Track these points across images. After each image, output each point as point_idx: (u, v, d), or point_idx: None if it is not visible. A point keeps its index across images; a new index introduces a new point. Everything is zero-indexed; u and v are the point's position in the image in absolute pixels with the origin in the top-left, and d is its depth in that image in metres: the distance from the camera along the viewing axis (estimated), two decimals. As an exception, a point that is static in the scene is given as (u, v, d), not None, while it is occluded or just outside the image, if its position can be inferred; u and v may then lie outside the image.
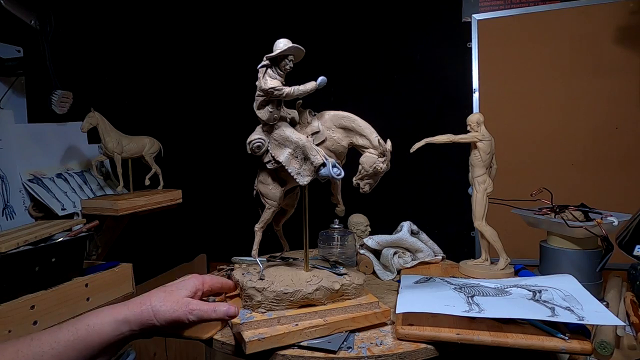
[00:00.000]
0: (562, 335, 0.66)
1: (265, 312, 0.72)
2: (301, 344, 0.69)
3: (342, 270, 0.80)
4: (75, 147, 1.28)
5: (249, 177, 2.08)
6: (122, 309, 0.59)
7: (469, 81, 1.63)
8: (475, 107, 1.62)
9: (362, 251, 1.15)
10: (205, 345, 0.75)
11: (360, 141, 0.75)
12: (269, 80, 0.70)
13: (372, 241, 1.13)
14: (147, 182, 1.33)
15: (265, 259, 1.20)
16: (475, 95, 1.62)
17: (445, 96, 1.67)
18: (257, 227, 0.79)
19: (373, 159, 0.73)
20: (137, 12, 1.61)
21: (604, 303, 0.77)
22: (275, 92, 0.70)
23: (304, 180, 0.73)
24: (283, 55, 0.70)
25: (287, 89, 0.71)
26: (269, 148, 0.75)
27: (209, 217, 1.98)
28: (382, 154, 0.73)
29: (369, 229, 1.36)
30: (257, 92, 0.72)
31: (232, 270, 1.13)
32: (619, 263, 0.90)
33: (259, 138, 0.75)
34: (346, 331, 0.73)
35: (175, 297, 0.61)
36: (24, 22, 1.04)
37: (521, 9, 1.56)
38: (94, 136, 1.25)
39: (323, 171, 0.71)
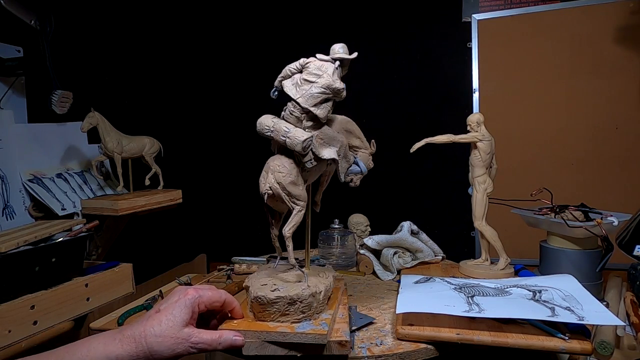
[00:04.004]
0: (562, 335, 0.66)
1: (319, 316, 0.70)
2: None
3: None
4: (75, 147, 1.28)
5: (249, 177, 2.07)
6: (115, 346, 0.54)
7: (469, 81, 1.63)
8: (475, 107, 1.62)
9: (362, 251, 1.15)
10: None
11: (355, 142, 0.83)
12: (338, 80, 0.72)
13: (372, 241, 1.13)
14: (147, 182, 1.33)
15: (265, 259, 1.20)
16: (475, 95, 1.62)
17: (445, 96, 1.67)
18: (289, 231, 0.72)
19: (367, 158, 0.85)
20: (137, 12, 1.61)
21: (604, 303, 0.77)
22: (343, 93, 0.72)
23: (343, 177, 0.78)
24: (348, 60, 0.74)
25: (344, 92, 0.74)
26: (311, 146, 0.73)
27: (209, 217, 1.98)
28: (371, 154, 0.86)
29: (369, 229, 1.36)
30: (321, 89, 0.70)
31: (232, 270, 1.13)
32: (619, 263, 0.90)
33: (312, 136, 0.71)
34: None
35: (173, 332, 0.56)
36: (24, 22, 1.04)
37: (521, 9, 1.56)
38: (94, 136, 1.25)
39: (355, 168, 0.79)
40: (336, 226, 1.20)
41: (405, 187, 1.74)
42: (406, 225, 1.16)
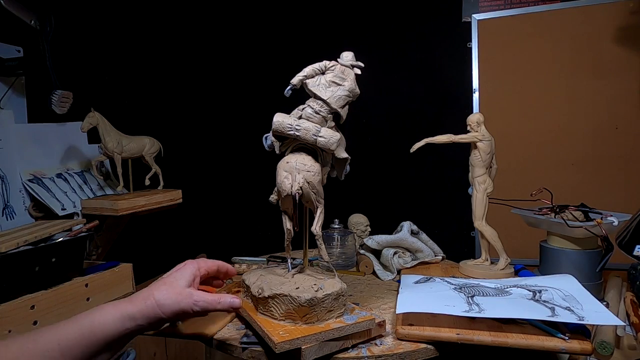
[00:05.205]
0: (562, 335, 0.66)
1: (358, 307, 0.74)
2: None
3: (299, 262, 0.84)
4: (75, 147, 1.28)
5: (249, 178, 2.07)
6: (127, 305, 0.59)
7: (469, 81, 1.63)
8: (475, 107, 1.62)
9: (362, 251, 1.15)
10: (206, 345, 0.75)
11: None
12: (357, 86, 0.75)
13: (372, 241, 1.13)
14: (147, 182, 1.33)
15: (264, 259, 1.20)
16: (475, 95, 1.62)
17: (445, 96, 1.67)
18: (320, 230, 0.72)
19: None
20: (137, 12, 1.61)
21: (604, 303, 0.77)
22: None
23: (343, 176, 0.80)
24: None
25: None
26: None
27: (209, 217, 1.98)
28: None
29: (369, 229, 1.36)
30: (347, 92, 0.74)
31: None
32: (619, 263, 0.90)
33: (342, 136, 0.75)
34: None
35: (177, 289, 0.62)
36: (24, 22, 1.04)
37: (521, 9, 1.56)
38: (94, 136, 1.24)
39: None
40: (336, 226, 1.20)
41: (405, 187, 1.73)
42: (406, 225, 1.16)
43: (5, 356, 0.51)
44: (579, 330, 0.68)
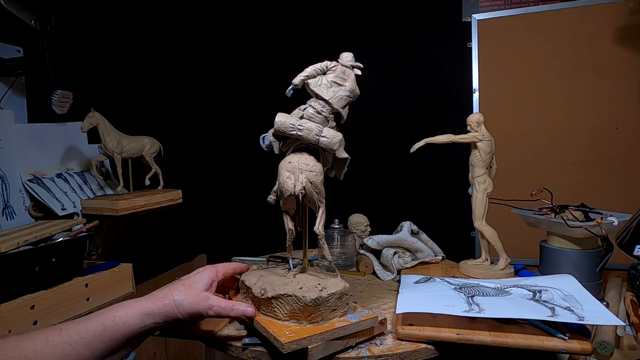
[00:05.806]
0: (562, 335, 0.66)
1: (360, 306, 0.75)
2: None
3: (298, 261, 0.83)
4: (75, 147, 1.28)
5: (249, 178, 2.07)
6: (146, 303, 0.61)
7: (469, 81, 1.63)
8: (475, 107, 1.62)
9: (362, 251, 1.15)
10: (206, 345, 0.75)
11: None
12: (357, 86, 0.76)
13: (372, 241, 1.13)
14: (147, 182, 1.33)
15: (264, 259, 1.20)
16: (475, 95, 1.62)
17: (445, 96, 1.67)
18: (323, 230, 0.72)
19: None
20: (137, 12, 1.61)
21: (604, 303, 0.77)
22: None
23: (342, 176, 0.80)
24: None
25: None
26: None
27: (209, 217, 1.98)
28: None
29: (369, 229, 1.36)
30: (348, 93, 0.74)
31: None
32: (619, 263, 0.90)
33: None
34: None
35: (195, 292, 0.65)
36: (24, 22, 1.04)
37: (521, 9, 1.56)
38: (94, 136, 1.24)
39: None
40: (336, 226, 1.20)
41: (405, 187, 1.73)
42: (406, 225, 1.16)
43: (31, 348, 0.53)
44: (579, 330, 0.68)
